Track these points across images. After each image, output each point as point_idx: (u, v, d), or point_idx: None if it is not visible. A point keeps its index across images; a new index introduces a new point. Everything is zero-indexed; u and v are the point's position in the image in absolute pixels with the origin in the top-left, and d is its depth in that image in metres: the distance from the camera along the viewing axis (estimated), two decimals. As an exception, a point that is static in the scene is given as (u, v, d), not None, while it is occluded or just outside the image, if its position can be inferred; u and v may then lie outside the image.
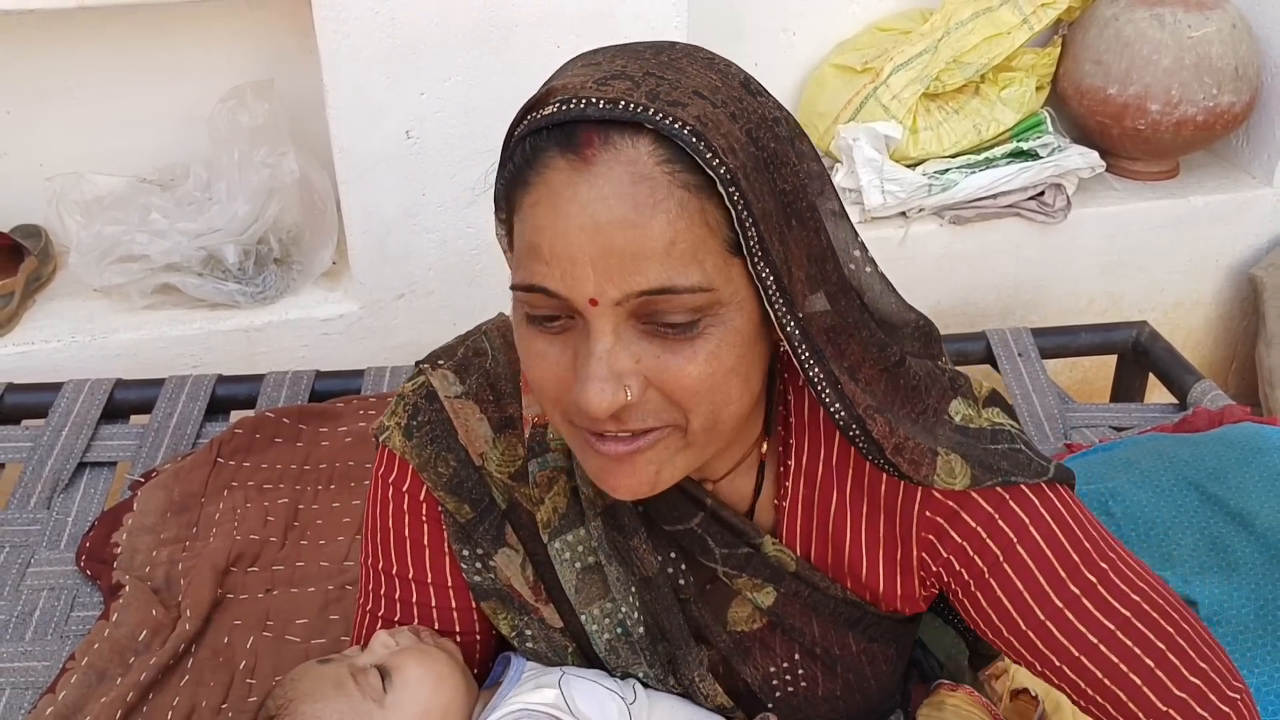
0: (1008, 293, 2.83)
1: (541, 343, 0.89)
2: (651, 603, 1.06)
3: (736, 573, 1.05)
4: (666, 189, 0.82)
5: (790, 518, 1.06)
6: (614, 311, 0.84)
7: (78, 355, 2.35)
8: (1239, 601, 1.72)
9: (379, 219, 2.45)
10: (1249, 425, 2.07)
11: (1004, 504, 1.00)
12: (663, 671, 1.07)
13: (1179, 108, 2.69)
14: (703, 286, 0.84)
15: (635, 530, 1.04)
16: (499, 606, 1.10)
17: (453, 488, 1.06)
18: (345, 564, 1.83)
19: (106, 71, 2.48)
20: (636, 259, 0.82)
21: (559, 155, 0.83)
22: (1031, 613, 1.00)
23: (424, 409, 1.08)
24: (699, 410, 0.89)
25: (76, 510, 1.99)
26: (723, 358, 0.87)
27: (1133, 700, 0.99)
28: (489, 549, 1.07)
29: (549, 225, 0.84)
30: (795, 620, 1.07)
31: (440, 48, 2.32)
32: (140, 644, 1.68)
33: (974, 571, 1.01)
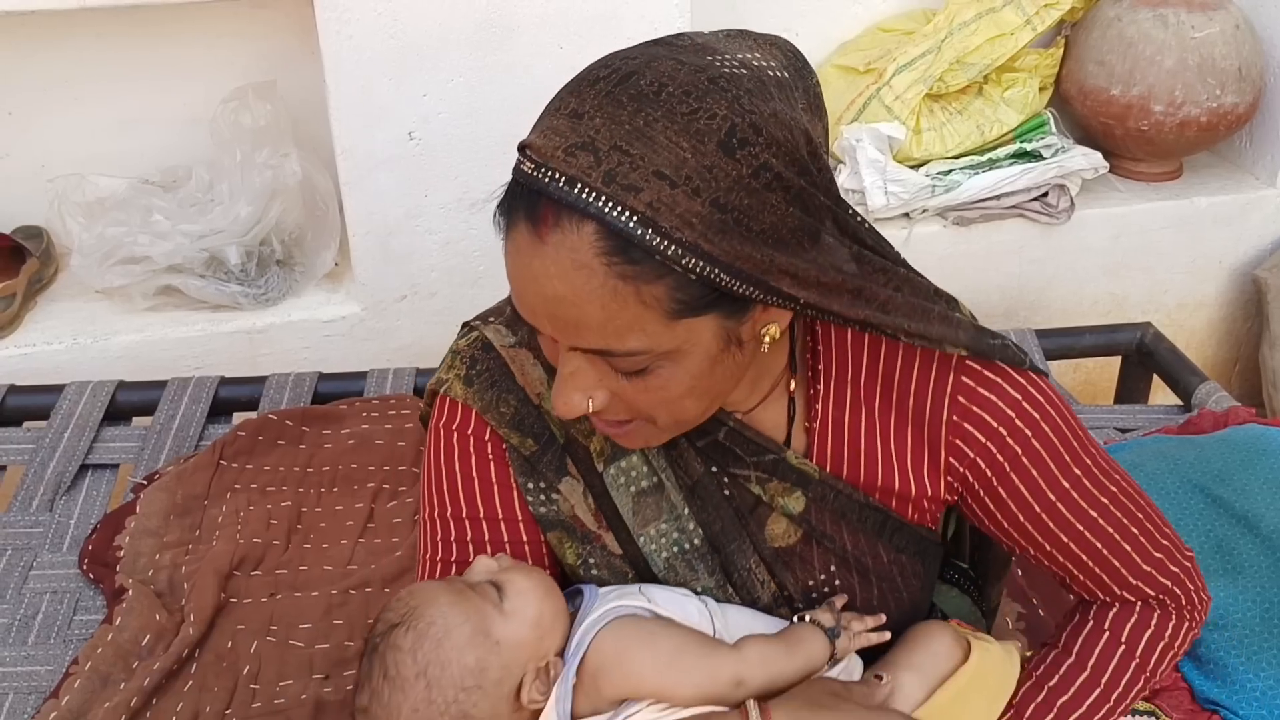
0: (1011, 294, 2.83)
1: (542, 337, 1.02)
2: (701, 510, 1.15)
3: (767, 477, 1.14)
4: (601, 279, 0.90)
5: (820, 437, 1.15)
6: (572, 351, 0.97)
7: (79, 357, 2.34)
8: (1245, 605, 1.71)
9: (381, 220, 2.44)
10: (1254, 427, 2.06)
11: (1022, 395, 1.11)
12: (721, 579, 1.16)
13: (1182, 108, 2.68)
14: (639, 350, 0.95)
15: (676, 443, 1.13)
16: (564, 536, 1.16)
17: (515, 424, 1.14)
18: (349, 568, 1.83)
19: (108, 72, 2.48)
20: (578, 327, 0.93)
21: (524, 220, 0.92)
22: (1033, 506, 1.14)
23: (481, 358, 1.17)
24: (660, 416, 1.02)
25: (79, 513, 1.98)
26: (672, 388, 0.99)
27: (1114, 573, 1.18)
28: (553, 479, 1.15)
29: (515, 278, 0.95)
30: (827, 528, 1.16)
31: (443, 49, 2.32)
32: (144, 648, 1.67)
33: (996, 468, 1.13)
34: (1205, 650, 1.67)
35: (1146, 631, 1.20)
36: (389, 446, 2.06)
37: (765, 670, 1.08)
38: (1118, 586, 1.19)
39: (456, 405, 1.16)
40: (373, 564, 1.83)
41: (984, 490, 1.15)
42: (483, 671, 1.03)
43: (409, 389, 2.25)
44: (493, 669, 1.04)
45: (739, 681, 1.06)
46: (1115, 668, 1.19)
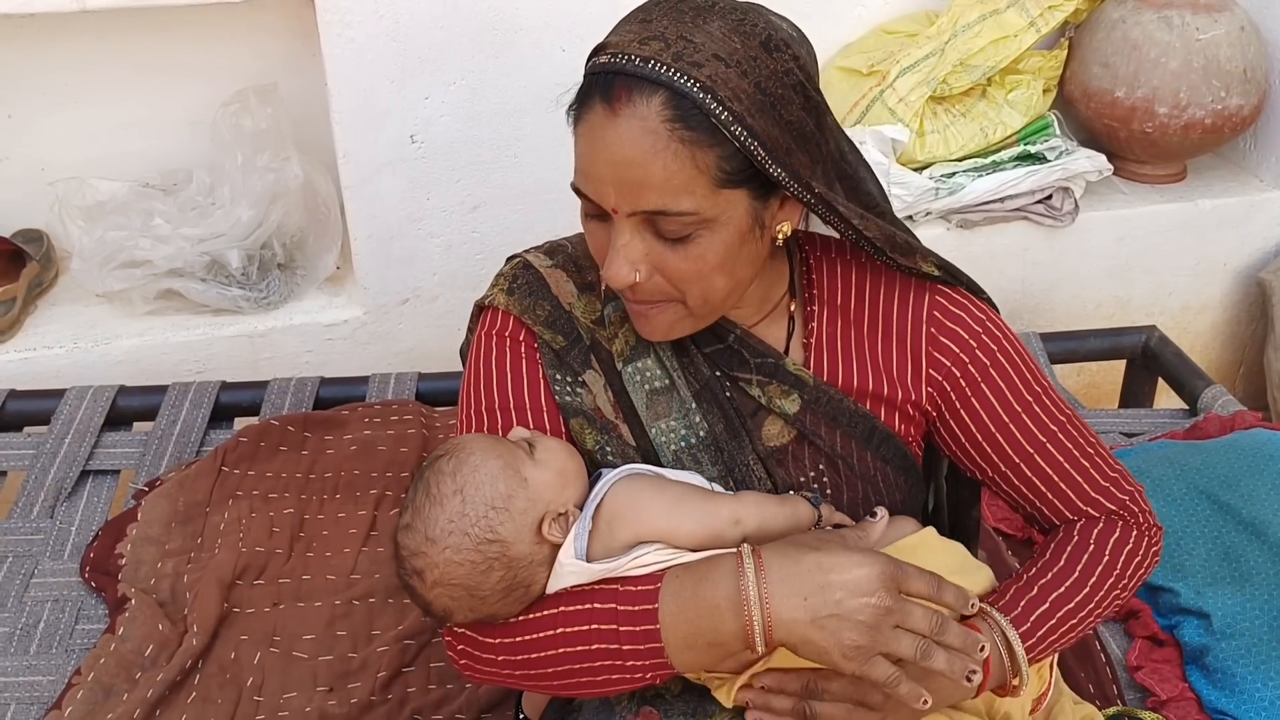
0: (1015, 296, 2.82)
1: (592, 225, 1.20)
2: (707, 410, 1.29)
3: (767, 379, 1.30)
4: (665, 141, 1.10)
5: (816, 351, 1.32)
6: (630, 218, 1.14)
7: (80, 361, 2.33)
8: (1253, 614, 1.71)
9: (383, 224, 2.43)
10: (1260, 432, 2.06)
11: (986, 317, 1.31)
12: (722, 470, 1.29)
13: (1187, 110, 2.67)
14: (689, 212, 1.13)
15: (689, 347, 1.30)
16: (585, 424, 1.30)
17: (549, 323, 1.31)
18: (352, 577, 1.82)
19: (109, 75, 2.46)
20: (642, 188, 1.11)
21: (599, 101, 1.11)
22: (1001, 415, 1.30)
23: (522, 274, 1.34)
24: (691, 292, 1.19)
25: (80, 520, 1.98)
26: (708, 259, 1.16)
27: (1075, 488, 1.32)
28: (579, 370, 1.30)
29: (588, 154, 1.13)
30: (820, 430, 1.30)
31: (445, 51, 2.31)
32: (147, 659, 1.67)
33: (968, 377, 1.30)
34: (1213, 659, 1.67)
35: (1114, 537, 1.32)
36: (391, 453, 2.05)
37: (759, 511, 1.21)
38: (1080, 501, 1.32)
39: (498, 313, 1.33)
40: (376, 574, 1.82)
41: (958, 399, 1.31)
42: (510, 498, 1.17)
43: (411, 394, 2.24)
44: (519, 499, 1.18)
45: (735, 520, 1.19)
46: (1094, 568, 1.30)
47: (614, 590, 1.16)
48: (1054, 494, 1.33)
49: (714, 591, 1.12)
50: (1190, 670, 1.70)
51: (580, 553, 1.17)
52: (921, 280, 1.32)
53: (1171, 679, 1.69)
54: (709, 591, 1.12)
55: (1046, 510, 1.34)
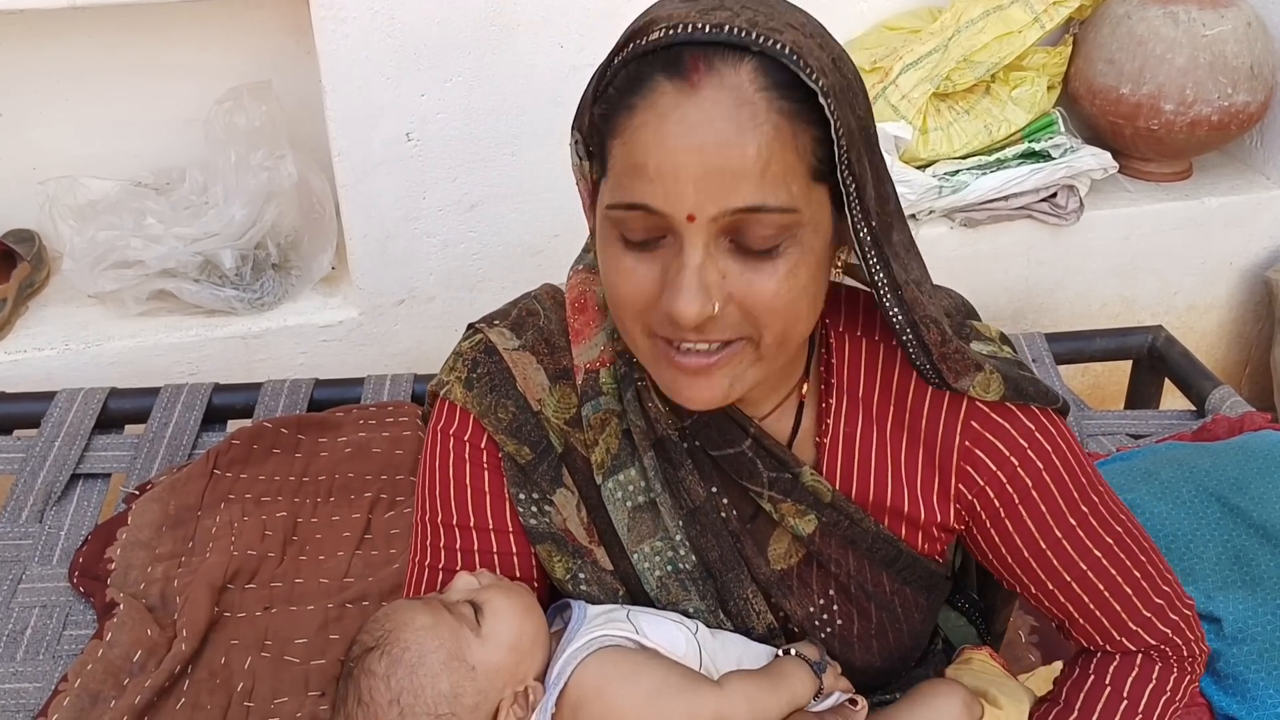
0: (1019, 295, 2.79)
1: (630, 259, 0.96)
2: (699, 536, 1.12)
3: (781, 497, 1.11)
4: (765, 113, 0.89)
5: (831, 453, 1.13)
6: (708, 228, 0.92)
7: (71, 363, 2.30)
8: (1264, 618, 1.68)
9: (379, 223, 2.40)
10: (1270, 433, 2.02)
11: (1036, 427, 1.11)
12: (712, 603, 1.13)
13: (1193, 107, 2.64)
14: (789, 207, 0.92)
15: (682, 462, 1.11)
16: (554, 549, 1.13)
17: (513, 431, 1.11)
18: (345, 580, 1.79)
19: (100, 73, 2.44)
20: (735, 177, 0.90)
21: (665, 80, 0.90)
22: (1038, 541, 1.12)
23: (483, 362, 1.14)
24: (773, 326, 0.97)
25: (69, 524, 1.95)
26: (798, 276, 0.96)
27: (1113, 616, 1.16)
28: (547, 489, 1.12)
29: (656, 145, 0.90)
30: (832, 553, 1.13)
31: (441, 48, 2.28)
32: (135, 665, 1.64)
33: (1005, 499, 1.11)
34: (1224, 665, 1.64)
35: (1148, 686, 1.17)
36: (386, 455, 2.02)
37: (749, 708, 1.06)
38: (1116, 632, 1.17)
39: (455, 409, 1.14)
40: (370, 577, 1.79)
41: (990, 521, 1.13)
42: (457, 698, 1.02)
43: (407, 396, 2.21)
44: (468, 695, 1.02)
45: (720, 719, 1.04)
46: None
47: None
48: (1088, 621, 1.17)
49: None
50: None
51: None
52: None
53: (1181, 684, 1.66)
54: None
55: (1075, 632, 1.19)
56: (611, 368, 1.12)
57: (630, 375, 1.10)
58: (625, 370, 1.11)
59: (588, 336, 1.13)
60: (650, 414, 1.10)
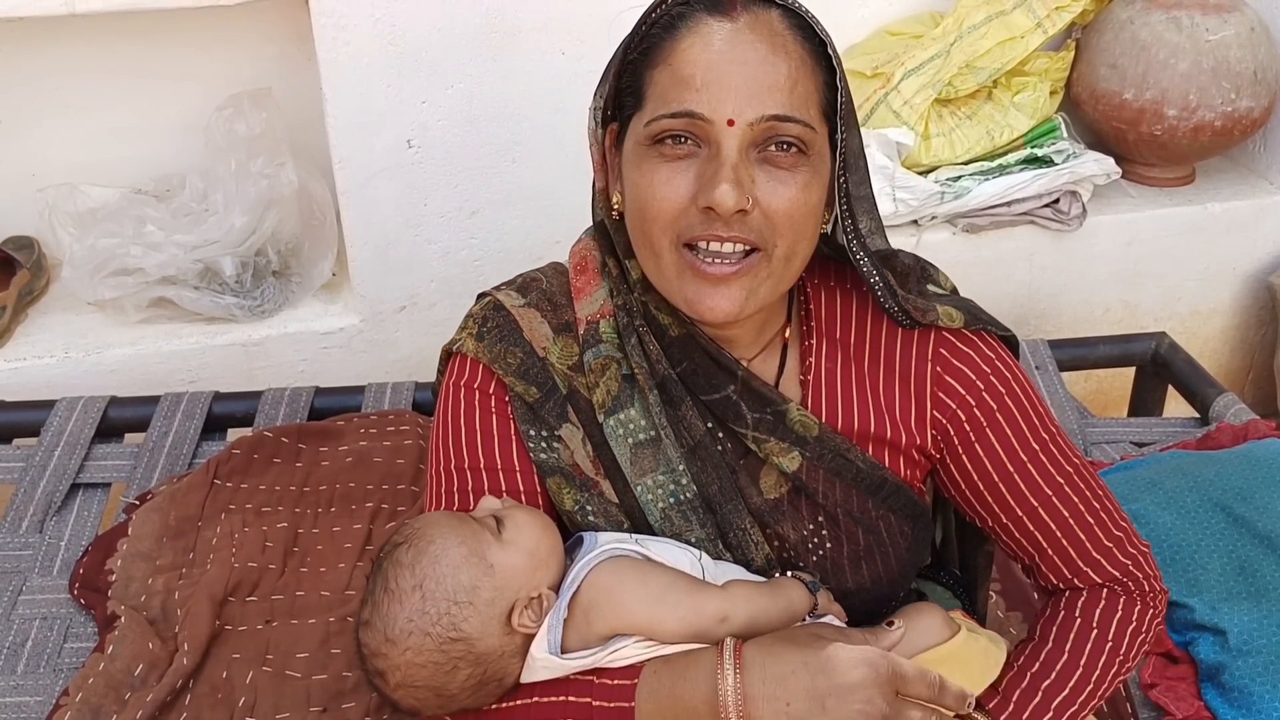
0: (1022, 301, 2.78)
1: (666, 171, 1.11)
2: (699, 471, 1.21)
3: (765, 437, 1.22)
4: (793, 43, 1.10)
5: (815, 390, 1.25)
6: (744, 133, 1.08)
7: (71, 371, 2.29)
8: (1270, 629, 1.67)
9: (380, 230, 2.39)
10: (1275, 442, 2.02)
11: (995, 355, 1.25)
12: (713, 532, 1.22)
13: (1196, 113, 2.63)
14: (810, 124, 1.10)
15: (683, 400, 1.22)
16: (563, 483, 1.22)
17: (521, 373, 1.22)
18: (347, 593, 1.77)
19: (100, 80, 2.43)
20: (771, 90, 1.08)
21: (707, 14, 1.10)
22: (1006, 465, 1.24)
23: (492, 317, 1.26)
24: (786, 236, 1.12)
25: (70, 534, 1.94)
26: (809, 195, 1.12)
27: (1077, 545, 1.25)
28: (555, 424, 1.22)
29: (703, 59, 1.08)
30: (819, 485, 1.23)
31: (442, 55, 2.27)
32: (136, 679, 1.63)
33: (974, 422, 1.24)
34: (1229, 677, 1.63)
35: (1116, 616, 1.26)
36: (388, 464, 2.01)
37: (749, 607, 1.13)
38: (1080, 560, 1.26)
39: (466, 360, 1.25)
40: (372, 589, 1.78)
41: (961, 444, 1.25)
42: (475, 589, 1.09)
43: (408, 404, 2.20)
44: (485, 589, 1.10)
45: (723, 617, 1.11)
46: (1092, 650, 1.24)
47: (590, 683, 1.09)
48: (1055, 550, 1.26)
49: (692, 692, 1.06)
50: (1206, 688, 1.66)
51: (554, 646, 1.10)
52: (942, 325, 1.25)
53: (1187, 697, 1.65)
54: (687, 692, 1.06)
55: (1044, 567, 1.28)
56: (612, 319, 1.24)
57: (631, 324, 1.23)
58: (626, 320, 1.23)
59: (589, 293, 1.26)
60: (651, 356, 1.22)
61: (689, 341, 1.22)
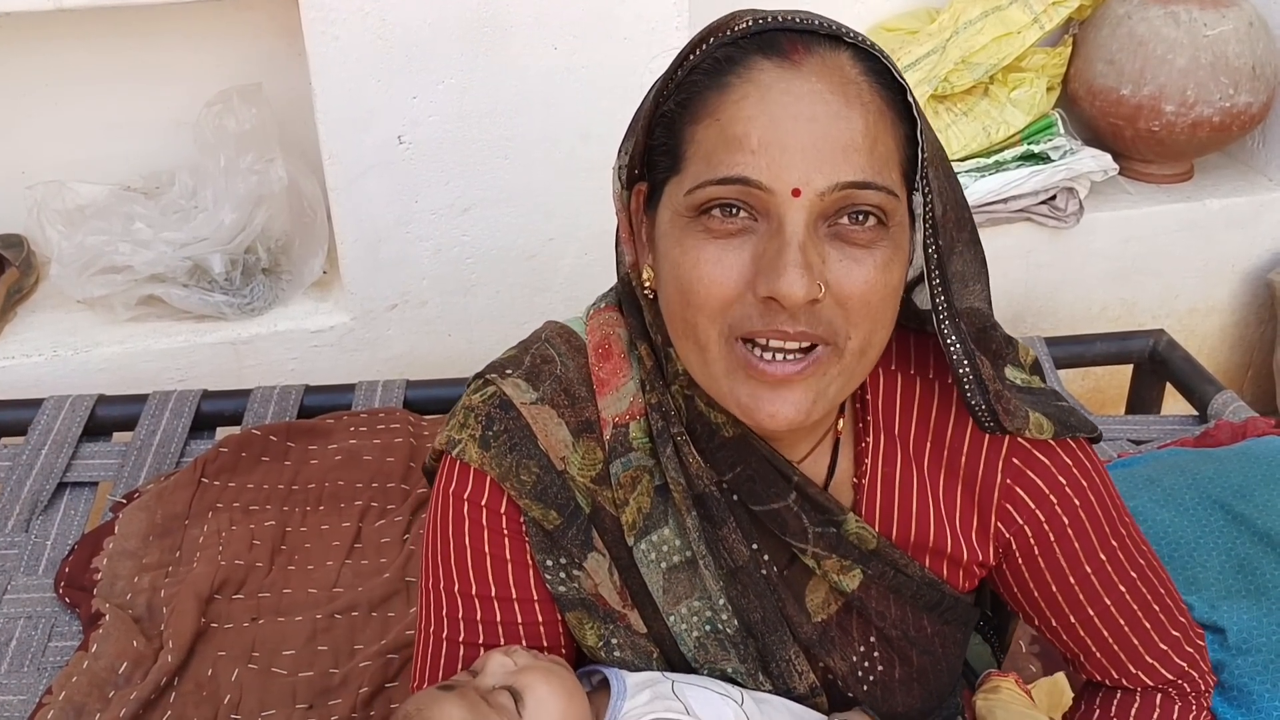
0: (1019, 299, 2.76)
1: (714, 249, 0.91)
2: (739, 596, 1.06)
3: (826, 554, 1.06)
4: (870, 93, 0.89)
5: (870, 494, 1.08)
6: (812, 204, 0.88)
7: (59, 369, 2.27)
8: (1269, 628, 1.65)
9: (370, 227, 2.37)
10: (1275, 439, 1.99)
11: (1073, 462, 1.08)
12: (753, 666, 1.07)
13: (1194, 108, 2.61)
14: (893, 190, 0.90)
15: (725, 519, 1.04)
16: (585, 616, 1.07)
17: (538, 494, 1.03)
18: (334, 590, 1.76)
19: (88, 76, 2.41)
20: (846, 150, 0.87)
21: (763, 58, 0.89)
22: (1067, 577, 1.09)
23: (499, 418, 1.05)
24: (862, 325, 0.92)
25: (56, 533, 1.92)
26: (890, 275, 0.92)
27: (1131, 650, 1.13)
28: (578, 555, 1.05)
29: (760, 115, 0.88)
30: (874, 603, 1.08)
31: (433, 50, 2.25)
32: (120, 677, 1.61)
33: (1041, 537, 1.08)
34: (1228, 676, 1.61)
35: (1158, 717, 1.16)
36: (377, 463, 1.99)
37: None
38: (1133, 666, 1.15)
39: (469, 471, 1.05)
40: (359, 586, 1.76)
41: (1023, 558, 1.10)
42: None
43: (399, 402, 2.18)
44: None
45: None
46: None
47: None
48: (1104, 654, 1.15)
49: None
50: (1204, 686, 1.64)
51: None
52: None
53: (1185, 695, 1.63)
54: None
55: (1090, 666, 1.17)
56: (643, 420, 1.05)
57: (667, 429, 1.04)
58: (661, 423, 1.04)
59: (615, 386, 1.06)
60: (690, 469, 1.04)
61: (742, 444, 1.03)
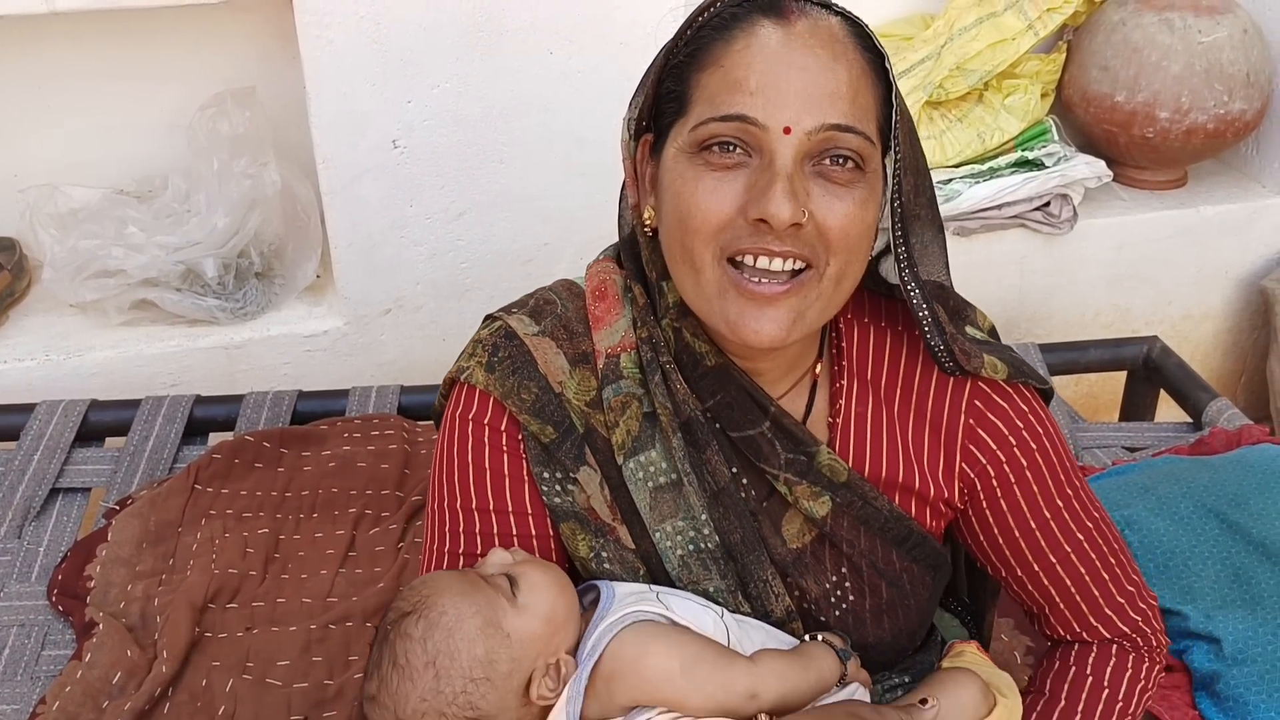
0: (1013, 304, 2.76)
1: (711, 180, 1.04)
2: (722, 518, 1.15)
3: (797, 479, 1.15)
4: (855, 52, 1.03)
5: (844, 432, 1.19)
6: (800, 142, 1.01)
7: (52, 374, 2.26)
8: (1265, 638, 1.65)
9: (365, 231, 2.36)
10: (1269, 448, 2.00)
11: (1029, 409, 1.20)
12: (733, 583, 1.16)
13: (1189, 115, 2.61)
14: (870, 137, 1.03)
15: (709, 443, 1.14)
16: (577, 528, 1.16)
17: (536, 411, 1.14)
18: (329, 600, 1.75)
19: (82, 79, 2.39)
20: (832, 97, 1.01)
21: (763, 17, 1.03)
22: (1028, 521, 1.20)
23: (503, 346, 1.17)
24: (839, 254, 1.04)
25: (48, 540, 1.91)
26: (865, 213, 1.05)
27: (1090, 602, 1.24)
28: (571, 467, 1.15)
29: (759, 62, 1.01)
30: (845, 533, 1.17)
31: (428, 54, 2.24)
32: (114, 687, 1.60)
33: (1002, 478, 1.19)
34: (1224, 686, 1.61)
35: (1125, 674, 1.25)
36: (372, 469, 1.98)
37: (780, 685, 1.08)
38: (1092, 617, 1.25)
39: (475, 392, 1.17)
40: (354, 596, 1.76)
41: (986, 499, 1.21)
42: (492, 664, 1.04)
43: (393, 408, 2.17)
44: (502, 661, 1.04)
45: (753, 694, 1.07)
46: (1103, 709, 1.23)
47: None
48: (1066, 605, 1.25)
49: None
50: (1200, 697, 1.64)
51: (574, 716, 1.04)
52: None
53: (1181, 706, 1.63)
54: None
55: (1054, 619, 1.27)
56: (634, 353, 1.16)
57: (656, 359, 1.14)
58: (651, 355, 1.15)
59: (609, 323, 1.18)
60: (677, 395, 1.14)
61: (723, 373, 1.14)
